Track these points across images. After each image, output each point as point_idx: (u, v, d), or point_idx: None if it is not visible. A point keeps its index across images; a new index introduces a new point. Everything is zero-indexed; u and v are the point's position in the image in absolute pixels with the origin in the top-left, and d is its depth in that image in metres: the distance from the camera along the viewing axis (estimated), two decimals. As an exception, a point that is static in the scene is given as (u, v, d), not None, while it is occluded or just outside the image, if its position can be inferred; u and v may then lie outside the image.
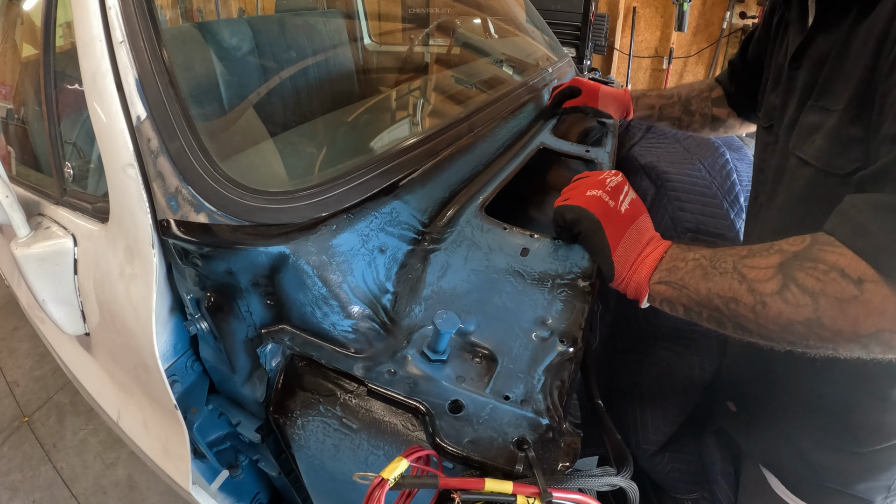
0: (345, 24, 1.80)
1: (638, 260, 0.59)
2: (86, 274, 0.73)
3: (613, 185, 0.66)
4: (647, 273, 0.58)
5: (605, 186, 0.66)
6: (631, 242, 0.61)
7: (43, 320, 1.03)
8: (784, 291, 0.45)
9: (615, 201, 0.64)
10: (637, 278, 0.59)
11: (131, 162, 0.58)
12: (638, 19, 4.31)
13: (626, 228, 0.62)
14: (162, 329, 0.63)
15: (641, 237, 0.61)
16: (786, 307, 0.45)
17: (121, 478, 1.69)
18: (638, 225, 0.63)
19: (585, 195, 0.65)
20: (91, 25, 0.60)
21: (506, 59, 1.48)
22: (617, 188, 0.66)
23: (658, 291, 0.57)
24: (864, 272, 0.42)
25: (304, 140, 0.97)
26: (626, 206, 0.64)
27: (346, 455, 0.54)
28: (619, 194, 0.65)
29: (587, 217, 0.63)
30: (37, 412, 1.94)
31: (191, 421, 0.68)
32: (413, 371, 0.53)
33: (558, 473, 0.44)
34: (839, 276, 0.43)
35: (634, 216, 0.64)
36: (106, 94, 0.59)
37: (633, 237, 0.61)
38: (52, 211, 0.81)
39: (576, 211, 0.64)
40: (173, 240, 0.56)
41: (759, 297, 0.47)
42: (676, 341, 0.93)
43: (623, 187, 0.67)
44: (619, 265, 0.60)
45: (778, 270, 0.46)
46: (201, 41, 1.15)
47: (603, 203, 0.63)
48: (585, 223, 0.63)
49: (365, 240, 0.62)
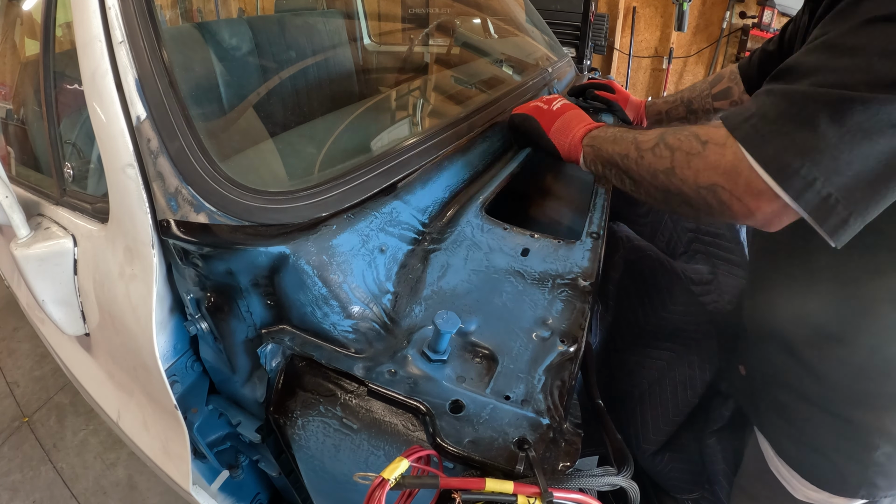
0: (344, 24, 1.80)
1: (573, 133, 0.78)
2: (85, 274, 0.73)
3: (547, 97, 0.88)
4: (579, 138, 0.77)
5: (541, 98, 0.88)
6: (564, 124, 0.80)
7: (43, 321, 1.03)
8: (655, 148, 0.59)
9: (548, 105, 0.86)
10: (573, 142, 0.78)
11: (131, 162, 0.58)
12: (638, 19, 4.31)
13: (557, 118, 0.82)
14: (162, 329, 0.63)
15: (573, 120, 0.80)
16: (654, 159, 0.59)
17: (121, 478, 1.69)
18: (568, 115, 0.82)
19: (527, 106, 0.89)
20: (91, 25, 0.60)
21: (505, 59, 1.48)
22: (550, 98, 0.87)
23: (586, 153, 0.75)
24: (713, 136, 0.52)
25: (304, 140, 0.97)
26: (556, 106, 0.85)
27: (346, 455, 0.54)
28: (551, 102, 0.86)
29: (526, 117, 0.87)
30: (37, 412, 1.94)
31: (191, 421, 0.68)
32: (413, 371, 0.53)
33: (559, 473, 0.44)
34: (693, 138, 0.54)
35: (564, 111, 0.83)
36: (105, 94, 0.59)
37: (565, 121, 0.81)
38: (52, 211, 0.81)
39: (519, 116, 0.89)
40: (173, 240, 0.56)
41: (640, 152, 0.61)
42: (676, 341, 0.93)
43: (556, 98, 0.87)
44: (556, 140, 0.80)
45: (658, 136, 0.59)
46: (201, 41, 1.14)
47: (538, 107, 0.87)
48: (526, 122, 0.87)
49: (365, 240, 0.62)
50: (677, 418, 0.91)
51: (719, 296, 0.93)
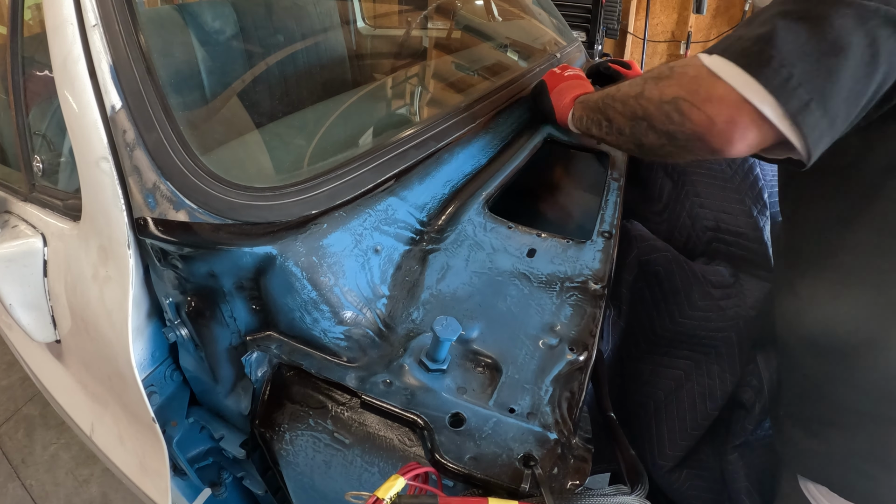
0: (336, 6, 1.79)
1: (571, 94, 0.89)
2: (56, 276, 0.73)
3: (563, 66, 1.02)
4: (572, 99, 0.87)
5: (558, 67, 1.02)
6: (566, 86, 0.93)
7: (10, 326, 1.03)
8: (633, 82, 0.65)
9: (561, 71, 0.99)
10: (566, 101, 0.89)
11: (105, 155, 0.58)
12: (653, 1, 4.31)
13: (563, 82, 0.96)
14: (138, 336, 0.63)
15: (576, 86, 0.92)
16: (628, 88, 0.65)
17: (94, 496, 1.69)
18: (574, 81, 0.95)
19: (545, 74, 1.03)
20: (62, 7, 0.60)
21: (510, 44, 1.48)
22: (565, 67, 1.01)
23: (574, 109, 0.85)
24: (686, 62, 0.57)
25: (293, 131, 0.97)
26: (568, 73, 0.98)
27: (337, 472, 0.54)
28: (565, 69, 1.00)
29: (540, 81, 1.01)
30: (4, 425, 1.94)
31: (170, 435, 0.68)
32: (410, 381, 0.53)
33: (568, 492, 0.44)
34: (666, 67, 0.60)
35: (572, 78, 0.96)
36: (78, 81, 0.59)
37: (569, 84, 0.94)
38: (20, 208, 0.81)
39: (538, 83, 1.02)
40: (151, 240, 0.56)
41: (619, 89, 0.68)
42: (695, 349, 0.93)
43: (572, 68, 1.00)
44: (555, 100, 0.94)
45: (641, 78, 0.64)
46: (181, 24, 1.15)
47: (552, 73, 1.00)
48: (538, 84, 1.01)
49: (358, 239, 0.62)
50: (696, 432, 0.91)
51: (741, 300, 0.93)
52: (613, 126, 0.69)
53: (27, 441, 1.88)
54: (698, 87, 0.54)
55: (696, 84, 0.54)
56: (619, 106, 0.67)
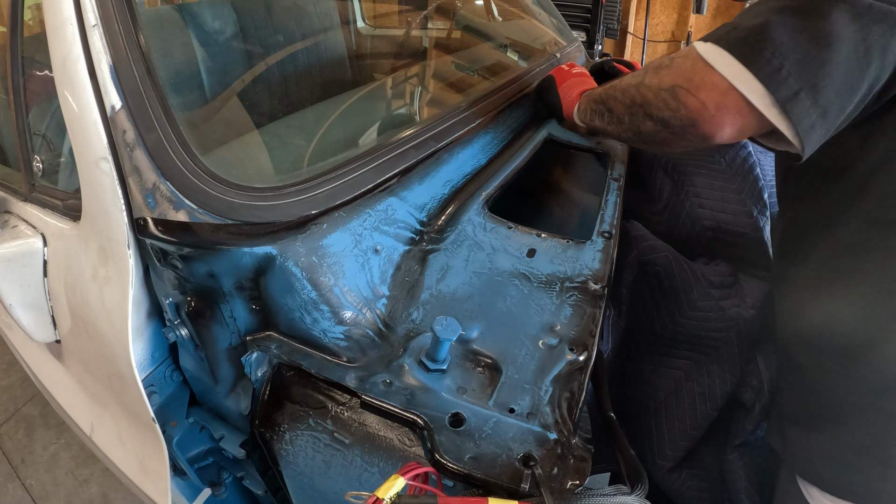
0: (336, 6, 1.79)
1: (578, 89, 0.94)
2: (56, 276, 0.73)
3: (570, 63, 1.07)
4: (579, 93, 0.92)
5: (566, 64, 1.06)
6: (574, 82, 0.98)
7: (10, 326, 1.03)
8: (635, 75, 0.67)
9: (568, 68, 1.03)
10: (573, 95, 0.94)
11: (105, 155, 0.58)
12: (653, 1, 4.31)
13: (570, 78, 1.00)
14: (138, 336, 0.63)
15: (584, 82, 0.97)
16: (630, 79, 0.67)
17: (94, 496, 1.69)
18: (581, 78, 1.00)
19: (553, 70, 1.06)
20: (62, 7, 0.60)
21: (510, 44, 1.48)
22: (572, 64, 1.05)
23: (581, 102, 0.88)
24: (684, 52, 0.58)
25: (293, 131, 0.97)
26: (575, 71, 1.02)
27: (337, 472, 0.54)
28: (572, 66, 1.04)
29: (548, 76, 1.05)
30: (4, 425, 1.94)
31: (170, 435, 0.68)
32: (410, 381, 0.53)
33: (567, 492, 0.44)
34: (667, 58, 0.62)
35: (578, 75, 1.01)
36: (77, 81, 0.59)
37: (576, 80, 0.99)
38: (20, 208, 0.81)
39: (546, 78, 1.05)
40: (150, 240, 0.56)
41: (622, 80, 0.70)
42: (695, 349, 0.93)
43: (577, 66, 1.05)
44: (563, 94, 0.98)
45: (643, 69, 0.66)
46: (181, 24, 1.15)
47: (560, 69, 1.04)
48: (546, 79, 1.05)
49: (358, 240, 0.62)
50: (696, 432, 0.91)
51: (741, 300, 0.93)
52: (614, 115, 0.72)
53: (27, 441, 1.88)
54: (694, 74, 0.56)
55: (692, 72, 0.56)
56: (620, 95, 0.70)
